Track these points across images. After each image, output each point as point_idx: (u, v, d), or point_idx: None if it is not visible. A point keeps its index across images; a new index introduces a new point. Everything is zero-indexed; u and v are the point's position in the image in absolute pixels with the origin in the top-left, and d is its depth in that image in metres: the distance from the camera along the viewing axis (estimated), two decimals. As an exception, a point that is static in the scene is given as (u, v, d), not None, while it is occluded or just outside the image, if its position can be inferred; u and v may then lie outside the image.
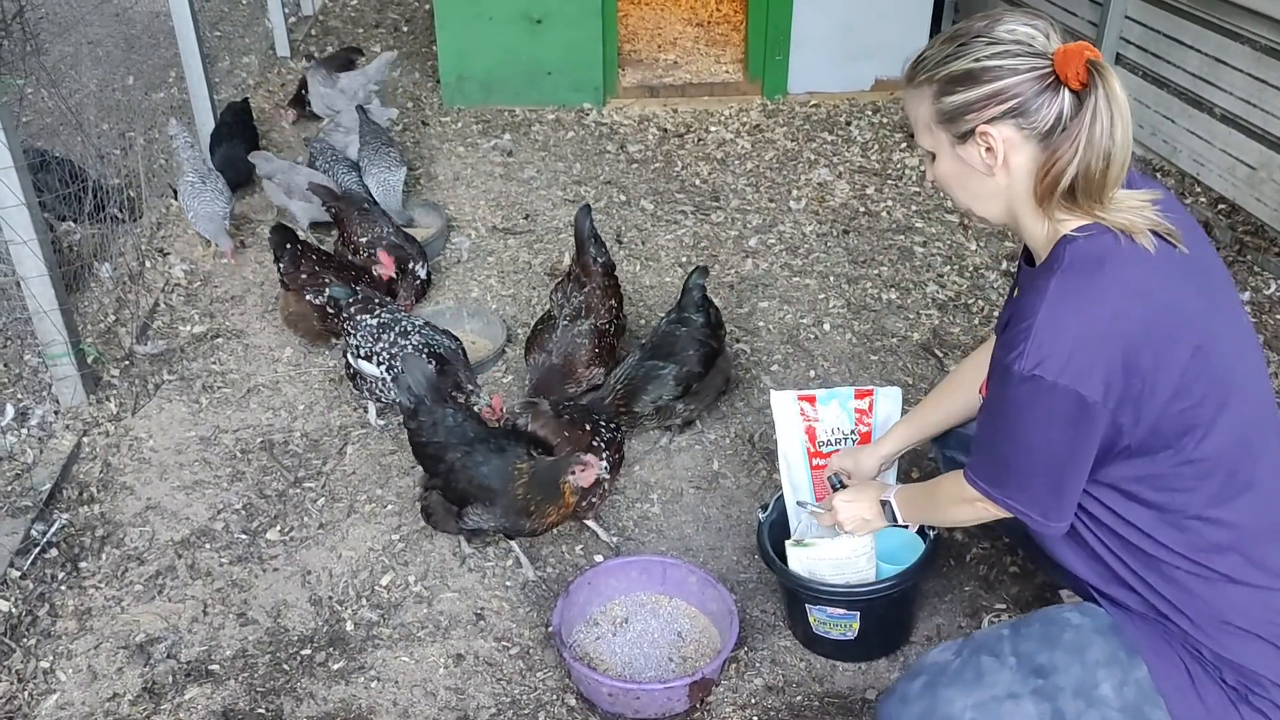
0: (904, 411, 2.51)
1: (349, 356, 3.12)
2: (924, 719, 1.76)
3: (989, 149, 1.66)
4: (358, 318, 3.11)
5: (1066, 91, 1.59)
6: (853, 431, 2.54)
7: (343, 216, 3.77)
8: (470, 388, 2.99)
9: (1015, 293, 1.91)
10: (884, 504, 2.16)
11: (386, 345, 3.04)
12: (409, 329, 3.08)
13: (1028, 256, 1.83)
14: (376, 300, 3.17)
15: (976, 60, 1.62)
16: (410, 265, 3.66)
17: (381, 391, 3.08)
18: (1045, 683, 1.72)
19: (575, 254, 3.36)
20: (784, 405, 2.55)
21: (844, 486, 2.31)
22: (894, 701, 1.82)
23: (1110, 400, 1.58)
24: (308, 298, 3.40)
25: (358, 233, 3.70)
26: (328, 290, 3.26)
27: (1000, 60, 1.61)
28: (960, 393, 2.27)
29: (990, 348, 2.25)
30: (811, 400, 2.55)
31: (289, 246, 3.50)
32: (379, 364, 3.03)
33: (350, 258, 3.71)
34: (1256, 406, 1.71)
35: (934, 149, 1.75)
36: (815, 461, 2.54)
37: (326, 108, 4.66)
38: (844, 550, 2.26)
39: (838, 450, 2.50)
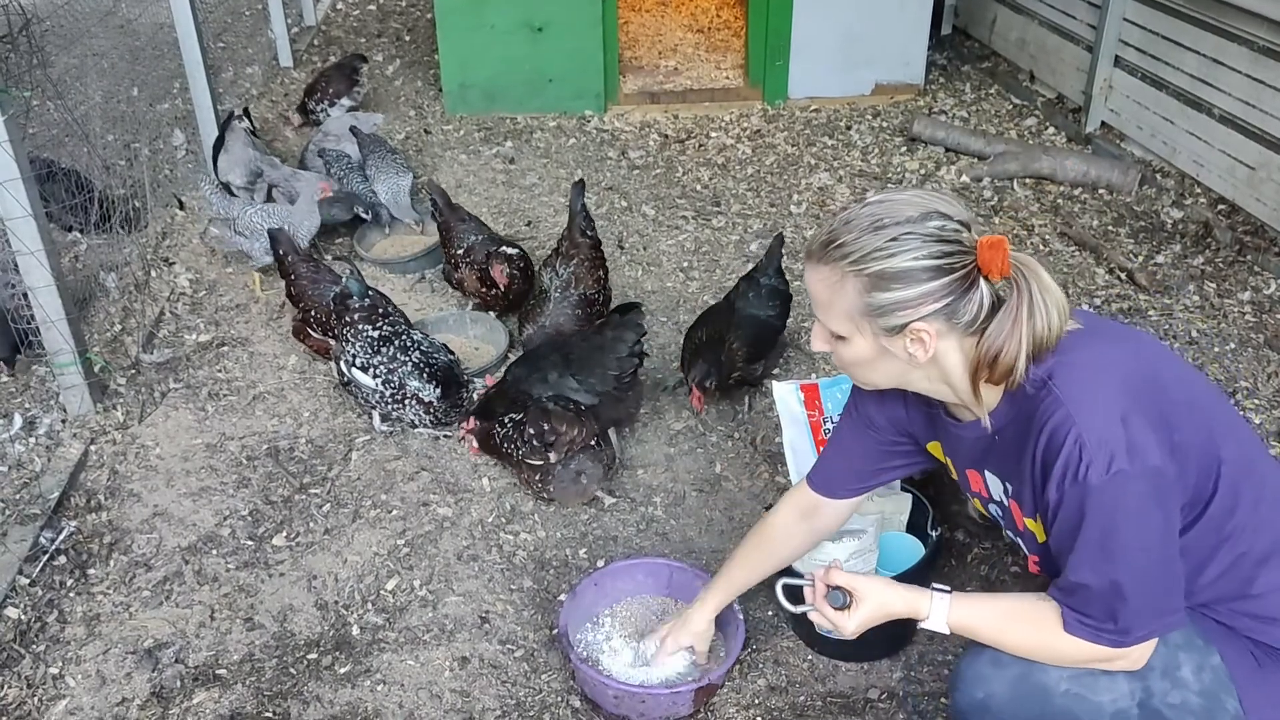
0: None
1: (342, 364, 3.11)
2: (1018, 683, 1.74)
3: (916, 340, 1.65)
4: (359, 325, 3.10)
5: (984, 282, 1.61)
6: None
7: (449, 225, 3.70)
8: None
9: (944, 448, 1.89)
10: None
11: (385, 359, 3.04)
12: (409, 345, 3.09)
13: (943, 409, 1.81)
14: (380, 311, 3.16)
15: (915, 259, 1.59)
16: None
17: (378, 402, 3.09)
18: None
19: (566, 228, 3.48)
20: (785, 395, 2.56)
21: (847, 605, 1.84)
22: (984, 663, 1.79)
23: (1172, 459, 1.58)
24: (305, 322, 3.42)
25: (455, 242, 3.65)
26: (344, 280, 3.16)
27: (937, 260, 1.59)
28: (767, 552, 2.21)
29: (797, 501, 2.16)
30: (814, 389, 2.56)
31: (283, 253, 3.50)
32: (375, 376, 3.04)
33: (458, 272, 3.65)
34: (1229, 414, 1.75)
35: (849, 335, 1.70)
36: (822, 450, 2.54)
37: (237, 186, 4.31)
38: (845, 552, 2.27)
39: None
